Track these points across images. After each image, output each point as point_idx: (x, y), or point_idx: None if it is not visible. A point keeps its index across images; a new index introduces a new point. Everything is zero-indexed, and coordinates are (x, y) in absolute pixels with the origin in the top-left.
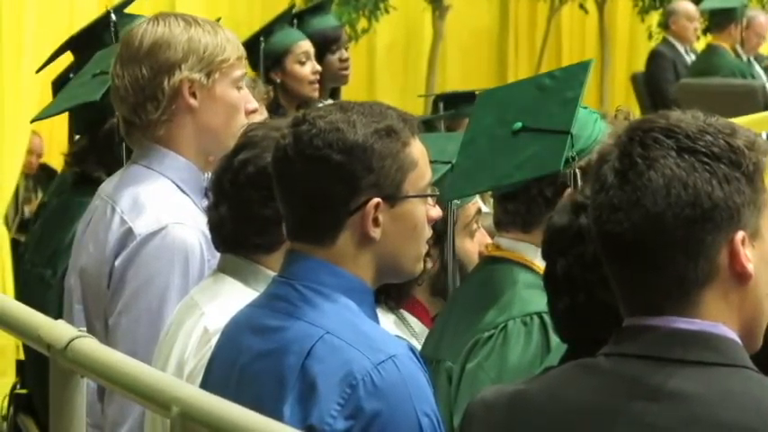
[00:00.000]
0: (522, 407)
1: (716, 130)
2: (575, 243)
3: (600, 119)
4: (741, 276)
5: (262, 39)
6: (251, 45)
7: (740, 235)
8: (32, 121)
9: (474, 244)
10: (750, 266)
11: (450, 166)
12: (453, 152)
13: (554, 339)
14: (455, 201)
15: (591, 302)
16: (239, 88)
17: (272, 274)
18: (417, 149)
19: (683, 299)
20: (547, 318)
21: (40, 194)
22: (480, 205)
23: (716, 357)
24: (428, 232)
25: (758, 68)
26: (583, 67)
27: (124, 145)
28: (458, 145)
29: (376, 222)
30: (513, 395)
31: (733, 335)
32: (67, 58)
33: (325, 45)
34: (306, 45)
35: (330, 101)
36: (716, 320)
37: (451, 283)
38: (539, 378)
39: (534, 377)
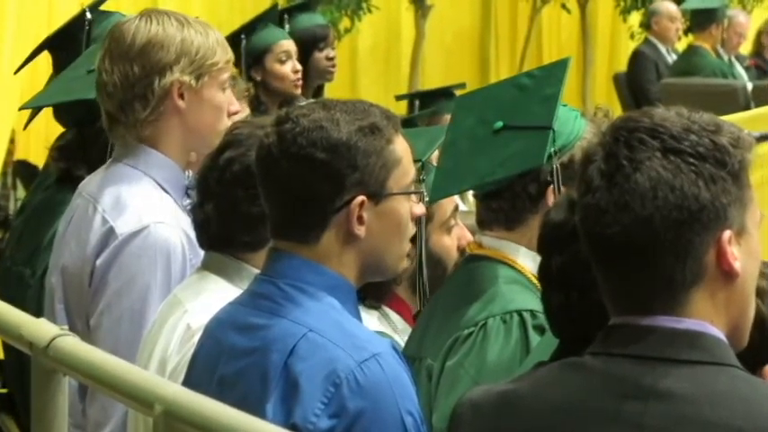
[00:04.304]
0: (509, 407)
1: (700, 128)
2: (570, 240)
3: (579, 116)
4: (729, 274)
5: (243, 36)
6: (232, 43)
7: (727, 234)
8: (21, 108)
9: (452, 239)
10: (737, 264)
11: (419, 164)
12: (423, 150)
13: (533, 337)
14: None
15: (584, 301)
16: (224, 90)
17: (257, 271)
18: (401, 146)
19: (671, 298)
20: (526, 315)
21: (20, 190)
22: (458, 202)
23: (703, 356)
24: (412, 229)
25: (739, 68)
26: (561, 64)
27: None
28: (427, 142)
29: (360, 220)
30: (501, 395)
31: (719, 333)
32: (46, 59)
33: (313, 43)
34: (287, 44)
35: (312, 99)
36: (703, 319)
37: (421, 281)
38: (526, 377)
39: (521, 376)
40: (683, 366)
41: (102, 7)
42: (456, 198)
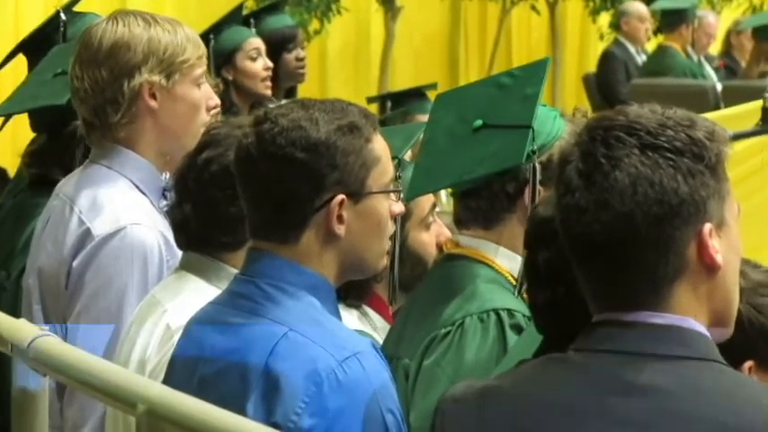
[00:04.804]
0: (492, 402)
1: (675, 123)
2: (557, 235)
3: (559, 116)
4: (711, 267)
5: (211, 36)
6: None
7: (707, 227)
8: None
9: (431, 236)
10: (719, 257)
11: (396, 161)
12: (399, 147)
13: (511, 336)
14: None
15: (570, 297)
16: (199, 86)
17: (235, 271)
18: (380, 145)
19: (653, 294)
20: (504, 314)
21: None
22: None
23: (686, 351)
24: (391, 228)
25: (708, 69)
26: (541, 64)
27: (83, 146)
28: (402, 139)
29: (340, 219)
30: (484, 390)
31: (702, 328)
32: (20, 60)
33: (281, 44)
34: (256, 42)
35: (285, 100)
36: (686, 314)
37: (392, 276)
38: (510, 373)
39: (505, 372)
40: (667, 361)
41: (76, 8)
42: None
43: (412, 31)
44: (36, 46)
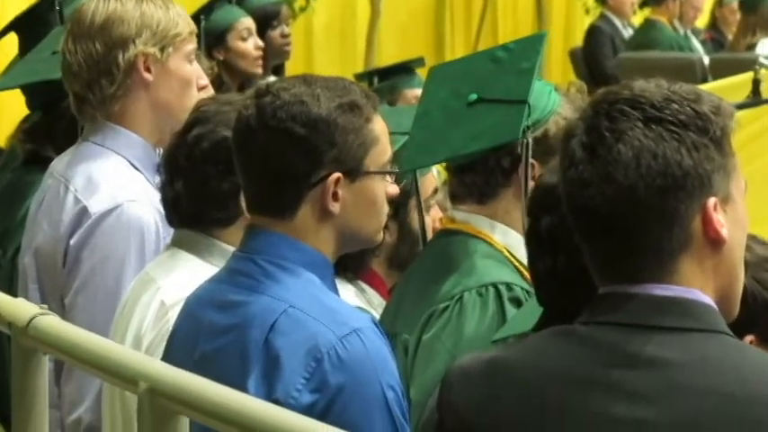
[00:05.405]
0: (499, 373)
1: (681, 98)
2: (561, 202)
3: (554, 91)
4: (716, 242)
5: (202, 17)
6: None
7: (712, 201)
8: None
9: (429, 219)
10: (724, 231)
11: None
12: (409, 125)
13: (510, 309)
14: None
15: (571, 266)
16: (191, 62)
17: (228, 247)
18: (379, 126)
19: (658, 267)
20: (502, 288)
21: None
22: (437, 184)
23: (692, 323)
24: (387, 208)
25: (695, 42)
26: (537, 38)
27: (67, 124)
28: (410, 117)
29: (335, 197)
30: (491, 361)
31: (708, 300)
32: (11, 39)
33: (265, 21)
34: (247, 22)
35: (273, 78)
36: (692, 286)
37: (421, 248)
38: (516, 345)
39: (511, 344)
40: (673, 333)
41: None
42: (434, 174)
43: (397, 7)
44: (28, 24)
